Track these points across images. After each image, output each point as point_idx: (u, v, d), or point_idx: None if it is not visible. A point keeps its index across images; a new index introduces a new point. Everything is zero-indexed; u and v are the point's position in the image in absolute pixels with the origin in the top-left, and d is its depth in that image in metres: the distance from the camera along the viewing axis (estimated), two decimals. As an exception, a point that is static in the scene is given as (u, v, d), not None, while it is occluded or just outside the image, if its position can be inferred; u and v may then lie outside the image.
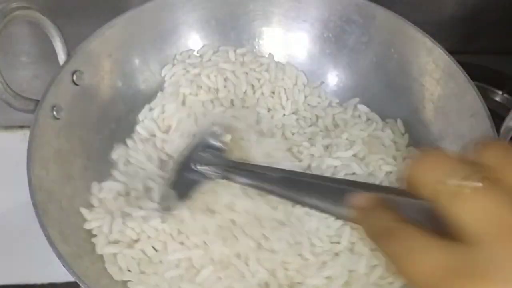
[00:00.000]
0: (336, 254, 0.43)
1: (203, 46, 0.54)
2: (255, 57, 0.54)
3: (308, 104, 0.53)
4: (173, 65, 0.53)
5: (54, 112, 0.44)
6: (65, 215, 0.42)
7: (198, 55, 0.54)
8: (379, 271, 0.42)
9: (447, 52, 0.47)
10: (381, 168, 0.47)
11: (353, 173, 0.46)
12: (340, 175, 0.46)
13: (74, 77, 0.46)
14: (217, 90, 0.51)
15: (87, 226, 0.43)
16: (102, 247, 0.42)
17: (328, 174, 0.47)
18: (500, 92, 0.63)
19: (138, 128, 0.49)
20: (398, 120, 0.51)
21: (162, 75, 0.53)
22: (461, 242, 0.20)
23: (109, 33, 0.48)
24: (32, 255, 0.51)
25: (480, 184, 0.20)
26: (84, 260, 0.40)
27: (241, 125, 0.48)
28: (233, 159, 0.45)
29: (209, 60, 0.53)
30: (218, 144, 0.45)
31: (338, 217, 0.40)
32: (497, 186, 0.20)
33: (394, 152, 0.49)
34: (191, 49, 0.54)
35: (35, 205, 0.38)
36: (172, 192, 0.43)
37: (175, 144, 0.47)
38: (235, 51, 0.54)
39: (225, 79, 0.52)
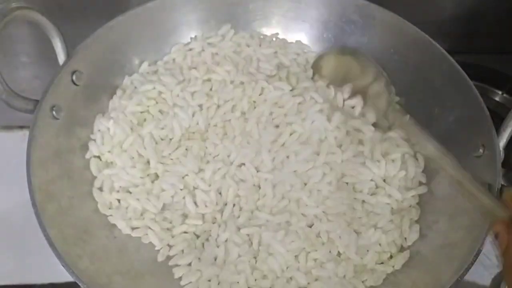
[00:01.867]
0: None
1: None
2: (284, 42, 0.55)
3: None
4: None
5: (54, 112, 0.44)
6: (64, 215, 0.42)
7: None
8: None
9: (446, 53, 0.47)
10: None
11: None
12: None
13: (74, 77, 0.46)
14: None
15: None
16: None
17: None
18: (500, 92, 0.63)
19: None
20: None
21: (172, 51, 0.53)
22: None
23: (109, 33, 0.48)
24: (32, 255, 0.51)
25: None
26: (83, 260, 0.40)
27: None
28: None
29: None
30: None
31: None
32: None
33: None
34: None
35: (34, 205, 0.38)
36: None
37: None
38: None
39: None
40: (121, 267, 0.42)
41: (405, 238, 0.45)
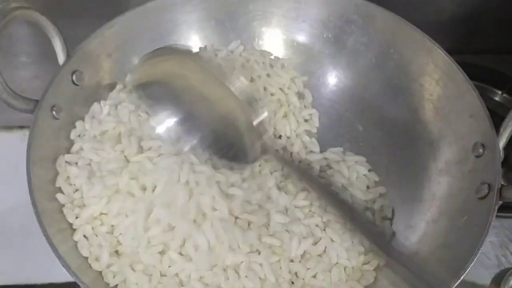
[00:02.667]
0: None
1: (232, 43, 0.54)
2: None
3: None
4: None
5: (54, 112, 0.44)
6: (64, 215, 0.42)
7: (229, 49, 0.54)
8: None
9: (446, 53, 0.47)
10: None
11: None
12: None
13: (74, 77, 0.46)
14: None
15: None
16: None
17: None
18: (500, 92, 0.63)
19: None
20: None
21: None
22: None
23: (109, 33, 0.48)
24: (32, 255, 0.51)
25: None
26: (83, 260, 0.40)
27: None
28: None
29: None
30: None
31: None
32: None
33: None
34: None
35: (34, 204, 0.38)
36: None
37: None
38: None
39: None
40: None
41: None
